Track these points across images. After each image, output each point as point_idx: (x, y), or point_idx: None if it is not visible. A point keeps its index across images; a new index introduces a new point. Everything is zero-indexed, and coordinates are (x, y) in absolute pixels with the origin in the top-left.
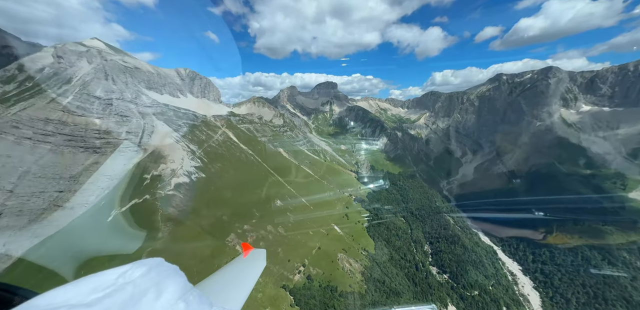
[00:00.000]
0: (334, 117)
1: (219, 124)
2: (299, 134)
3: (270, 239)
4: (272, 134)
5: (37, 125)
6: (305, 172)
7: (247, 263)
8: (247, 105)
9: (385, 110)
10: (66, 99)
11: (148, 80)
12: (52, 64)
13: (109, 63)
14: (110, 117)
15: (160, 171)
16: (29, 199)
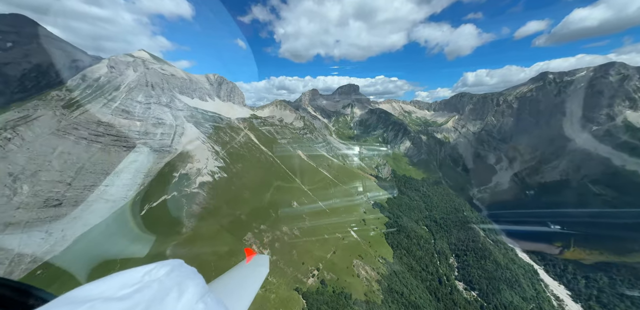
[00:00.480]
0: (354, 120)
1: (241, 126)
2: (319, 136)
3: (285, 241)
4: (292, 137)
5: (91, 127)
6: (323, 174)
7: (250, 269)
8: (270, 108)
9: (410, 112)
10: (115, 104)
11: (181, 86)
12: (106, 74)
13: (150, 71)
14: (148, 119)
15: (187, 170)
16: (82, 191)
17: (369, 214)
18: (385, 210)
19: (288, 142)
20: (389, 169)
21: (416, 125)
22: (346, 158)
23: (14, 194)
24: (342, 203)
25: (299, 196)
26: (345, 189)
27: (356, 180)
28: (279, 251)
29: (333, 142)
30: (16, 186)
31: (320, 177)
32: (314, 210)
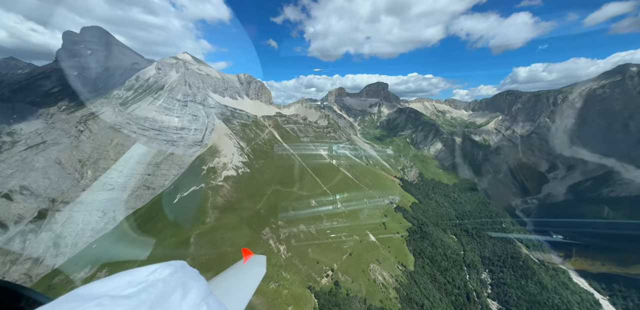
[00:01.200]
0: (381, 119)
1: (266, 124)
2: (342, 135)
3: (301, 238)
4: (315, 135)
5: (140, 122)
6: (344, 174)
7: (247, 269)
8: (296, 107)
9: (444, 112)
10: (159, 102)
11: (214, 85)
12: (154, 75)
13: (189, 72)
14: (185, 116)
15: (214, 164)
16: (130, 178)
17: (390, 218)
18: (409, 215)
19: (310, 141)
20: (416, 171)
21: (450, 126)
22: (370, 158)
23: (81, 177)
24: (361, 204)
25: (318, 195)
26: (366, 190)
27: (379, 181)
28: (294, 248)
29: (357, 142)
30: (83, 171)
31: (341, 177)
32: (332, 210)
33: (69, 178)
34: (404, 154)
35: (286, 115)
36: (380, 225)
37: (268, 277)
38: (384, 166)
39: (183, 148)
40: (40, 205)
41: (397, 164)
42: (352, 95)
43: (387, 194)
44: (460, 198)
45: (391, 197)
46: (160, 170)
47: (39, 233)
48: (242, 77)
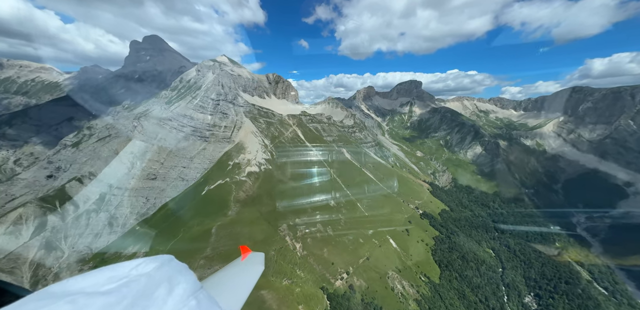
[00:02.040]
0: (412, 120)
1: (290, 122)
2: (368, 135)
3: (317, 237)
4: (338, 134)
5: (179, 119)
6: (366, 175)
7: (245, 267)
8: (322, 106)
9: (487, 112)
10: (196, 101)
11: (245, 85)
12: (194, 76)
13: (223, 73)
14: (216, 114)
15: (239, 160)
16: (169, 170)
17: (414, 224)
18: (437, 222)
19: (333, 140)
20: (448, 176)
21: (494, 127)
22: (397, 160)
23: (131, 167)
24: (384, 208)
25: (338, 196)
26: (389, 193)
27: (405, 185)
28: (310, 247)
29: (384, 143)
30: (133, 161)
31: (363, 178)
32: (350, 210)
33: (123, 167)
34: (436, 157)
35: (310, 114)
36: (402, 232)
37: (282, 273)
38: (412, 169)
39: (214, 144)
40: (101, 189)
41: (427, 167)
42: (382, 94)
43: (413, 198)
44: (501, 209)
45: (417, 202)
46: (193, 164)
47: (99, 213)
48: (271, 77)
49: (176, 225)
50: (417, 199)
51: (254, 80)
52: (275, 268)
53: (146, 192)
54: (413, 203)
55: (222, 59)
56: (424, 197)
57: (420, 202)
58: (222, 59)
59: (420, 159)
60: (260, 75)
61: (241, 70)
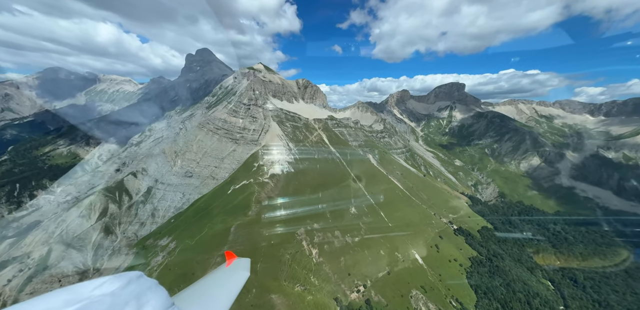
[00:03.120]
0: (451, 125)
1: (316, 126)
2: (399, 141)
3: (335, 245)
4: (365, 139)
5: (215, 122)
6: (393, 183)
7: (230, 273)
8: (351, 110)
9: (551, 117)
10: (230, 105)
11: (275, 90)
12: (232, 83)
13: (255, 79)
14: (247, 118)
15: (264, 161)
16: (203, 169)
17: (446, 240)
18: (475, 241)
19: (359, 145)
20: (494, 190)
21: (559, 135)
22: (430, 168)
23: (173, 165)
24: (411, 219)
25: (360, 203)
26: (418, 203)
27: (438, 196)
28: (326, 254)
29: (416, 149)
30: (175, 160)
31: (389, 186)
32: (373, 219)
33: (167, 164)
34: (479, 168)
35: (337, 119)
36: (431, 247)
37: (295, 278)
38: (448, 179)
39: (242, 146)
40: (149, 183)
41: (468, 178)
42: (418, 98)
43: (446, 211)
44: (566, 233)
45: (452, 215)
46: (223, 164)
47: (145, 204)
48: (300, 82)
49: (203, 221)
50: (451, 212)
51: (283, 86)
52: (289, 272)
53: (183, 188)
54: (446, 216)
55: (259, 66)
56: (460, 211)
57: (455, 216)
58: (259, 66)
59: (459, 168)
60: (291, 81)
61: (273, 76)
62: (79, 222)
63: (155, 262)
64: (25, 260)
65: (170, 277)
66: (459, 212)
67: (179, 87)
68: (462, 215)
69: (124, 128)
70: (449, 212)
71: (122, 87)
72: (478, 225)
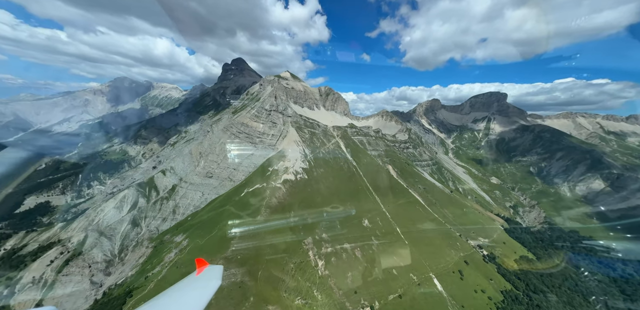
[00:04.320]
0: (489, 138)
1: (334, 134)
2: (425, 152)
3: (343, 258)
4: (385, 149)
5: (237, 127)
6: (413, 198)
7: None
8: (375, 119)
9: (622, 135)
10: (252, 111)
11: (296, 97)
12: (257, 90)
13: (278, 86)
14: (267, 123)
15: (278, 166)
16: (222, 171)
17: (472, 267)
18: (511, 272)
19: (379, 155)
20: (539, 214)
21: (634, 156)
22: (460, 184)
23: (196, 165)
24: (431, 238)
25: (374, 215)
26: (441, 221)
27: (466, 215)
28: (333, 267)
29: (445, 163)
30: (199, 161)
31: (409, 201)
32: (387, 235)
33: (192, 165)
34: (521, 188)
35: (357, 127)
36: (454, 273)
37: (297, 290)
38: (481, 198)
39: (260, 150)
40: (174, 181)
41: (506, 198)
42: (450, 108)
43: (476, 234)
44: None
45: (482, 240)
46: (241, 167)
47: (169, 201)
48: (322, 89)
49: (214, 222)
50: (482, 235)
51: (305, 93)
52: (291, 283)
53: (203, 187)
54: (475, 239)
55: (285, 74)
56: (493, 235)
57: (486, 240)
58: (285, 74)
59: (496, 186)
60: (313, 88)
61: (296, 83)
62: (113, 213)
63: (168, 258)
64: (67, 244)
65: (176, 276)
66: (491, 235)
67: (213, 93)
68: (495, 239)
69: (165, 130)
70: (478, 234)
71: (170, 93)
72: (515, 254)
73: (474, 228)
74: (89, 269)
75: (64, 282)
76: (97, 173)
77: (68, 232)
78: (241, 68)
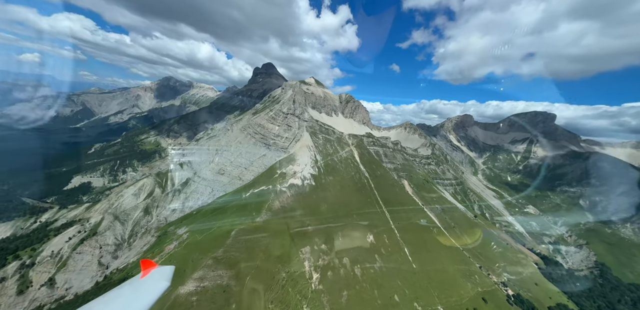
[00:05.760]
0: (528, 162)
1: (349, 142)
2: (449, 171)
3: (340, 274)
4: (402, 163)
5: (254, 127)
6: (428, 218)
7: (145, 285)
8: (397, 130)
9: None
10: (270, 113)
11: (314, 102)
12: (279, 93)
13: (299, 90)
14: (283, 125)
15: (287, 170)
16: (234, 169)
17: (493, 308)
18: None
19: (394, 168)
20: (589, 256)
21: None
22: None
23: (211, 162)
24: (443, 265)
25: (380, 232)
26: (458, 248)
27: (489, 245)
28: (328, 282)
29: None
30: (215, 157)
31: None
32: (393, 256)
33: (207, 160)
34: (566, 223)
35: (374, 137)
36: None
37: (285, 303)
38: (513, 228)
39: (273, 152)
40: (189, 175)
41: (545, 232)
42: (484, 126)
43: (501, 269)
44: None
45: (509, 276)
46: (252, 167)
47: (180, 193)
48: (343, 96)
49: (216, 219)
50: (508, 271)
51: (325, 99)
52: (280, 294)
53: (213, 183)
54: (498, 275)
55: (310, 80)
56: (523, 273)
57: (513, 277)
58: (310, 80)
59: (533, 217)
60: (334, 95)
61: (317, 89)
62: (130, 199)
63: (168, 249)
64: (85, 224)
65: None
66: (520, 273)
67: (241, 94)
68: (525, 278)
69: (195, 126)
70: (504, 269)
71: (206, 93)
72: (550, 300)
73: (499, 261)
74: (99, 250)
75: (76, 260)
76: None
77: (91, 212)
78: (270, 72)
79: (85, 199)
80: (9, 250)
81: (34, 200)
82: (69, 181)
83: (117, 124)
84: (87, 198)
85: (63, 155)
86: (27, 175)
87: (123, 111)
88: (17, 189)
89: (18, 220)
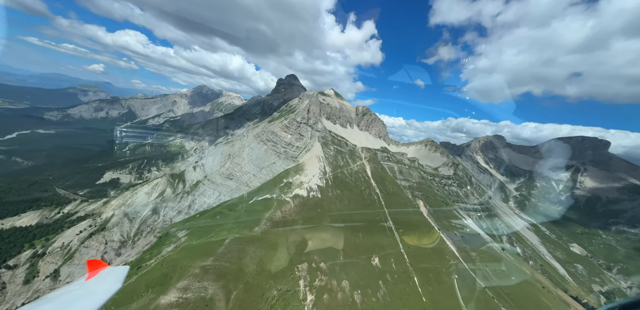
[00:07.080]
0: (575, 193)
1: (362, 156)
2: (472, 194)
3: (337, 299)
4: (418, 181)
5: (267, 135)
6: (444, 245)
7: (89, 288)
8: (416, 146)
9: None
10: (285, 121)
11: (329, 113)
12: (296, 103)
13: (314, 100)
14: (295, 134)
15: (293, 179)
16: (243, 174)
17: None
18: None
19: (409, 187)
20: None
21: None
22: (520, 243)
23: (222, 166)
24: (459, 304)
25: (387, 255)
26: (479, 285)
27: (521, 287)
28: (324, 307)
29: (501, 211)
30: (225, 161)
31: (438, 247)
32: (400, 284)
33: (218, 164)
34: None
35: (390, 152)
36: None
37: None
38: (552, 269)
39: (282, 160)
40: (199, 178)
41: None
42: (518, 148)
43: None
44: None
45: None
46: (260, 174)
47: (189, 195)
48: (360, 109)
49: (215, 225)
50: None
51: (341, 110)
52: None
53: (221, 188)
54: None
55: (329, 91)
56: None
57: None
58: (329, 91)
59: (579, 259)
60: (351, 107)
61: (334, 100)
62: (142, 198)
63: (165, 251)
64: (97, 219)
65: (156, 274)
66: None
67: (263, 103)
68: None
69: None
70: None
71: (233, 101)
72: None
73: (531, 307)
74: (104, 246)
75: (82, 254)
76: (158, 160)
77: (106, 207)
78: (292, 83)
79: (112, 194)
80: (28, 238)
81: (66, 191)
82: (102, 176)
83: (154, 126)
84: (114, 193)
85: (102, 152)
86: (70, 168)
87: (160, 115)
88: (59, 180)
89: (45, 210)
